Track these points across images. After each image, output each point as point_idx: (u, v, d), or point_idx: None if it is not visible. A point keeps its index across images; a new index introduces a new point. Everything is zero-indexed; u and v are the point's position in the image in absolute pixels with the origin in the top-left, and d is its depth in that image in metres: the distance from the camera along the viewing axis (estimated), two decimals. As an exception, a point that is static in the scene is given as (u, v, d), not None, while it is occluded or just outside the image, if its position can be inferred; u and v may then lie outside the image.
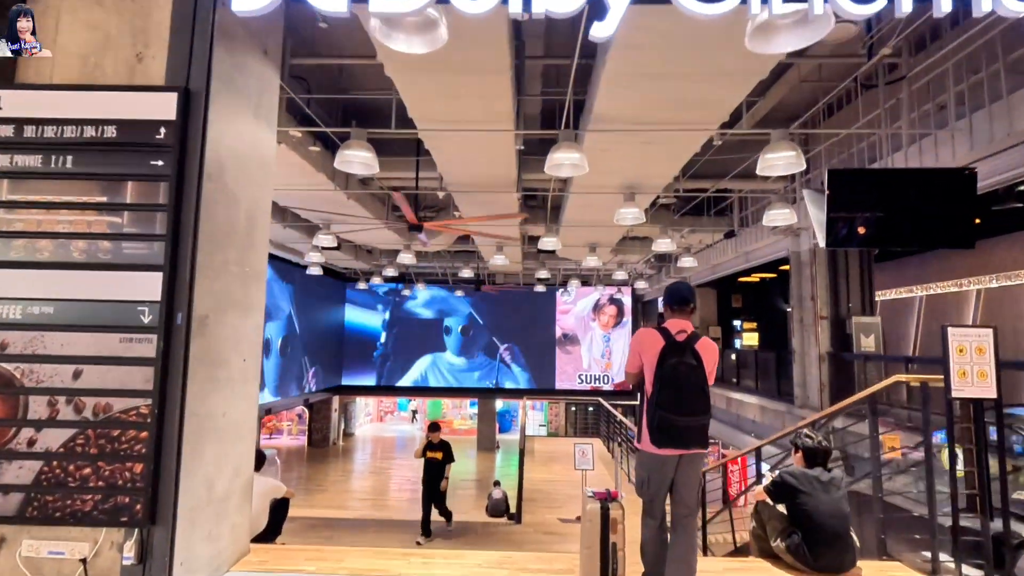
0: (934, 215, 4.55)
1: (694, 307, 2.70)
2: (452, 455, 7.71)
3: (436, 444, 7.60)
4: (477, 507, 13.42)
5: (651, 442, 2.50)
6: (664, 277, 16.24)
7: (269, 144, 2.90)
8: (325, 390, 19.57)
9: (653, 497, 2.63)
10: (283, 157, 6.12)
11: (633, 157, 6.03)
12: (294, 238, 11.17)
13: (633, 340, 2.66)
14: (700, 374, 2.47)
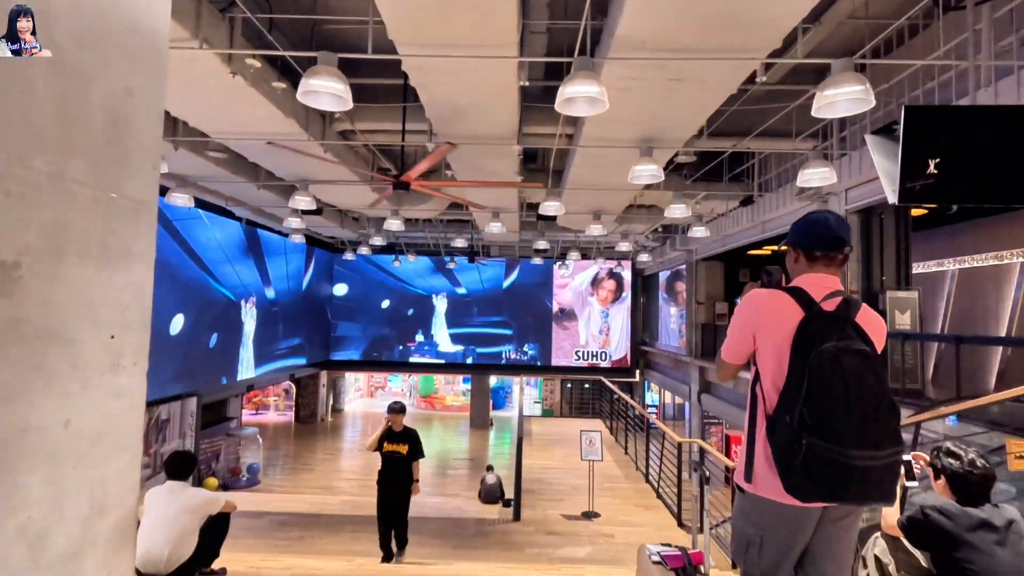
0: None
1: (849, 251, 1.74)
2: (421, 448, 5.48)
3: (398, 433, 5.41)
4: (470, 489, 12.83)
5: (782, 487, 1.54)
6: (668, 250, 15.41)
7: (163, 13, 1.97)
8: (312, 365, 18.79)
9: (768, 574, 1.68)
10: (242, 96, 5.16)
11: (657, 100, 5.11)
12: (271, 201, 10.19)
13: (741, 309, 1.66)
14: (879, 370, 1.52)
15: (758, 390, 1.61)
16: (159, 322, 10.45)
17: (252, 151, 7.20)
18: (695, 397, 14.49)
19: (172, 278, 10.82)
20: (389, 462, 5.41)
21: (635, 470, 8.44)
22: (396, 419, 5.44)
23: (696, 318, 14.55)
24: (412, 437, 5.44)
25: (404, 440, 5.40)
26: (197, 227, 11.48)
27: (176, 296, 10.98)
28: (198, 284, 11.80)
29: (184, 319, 11.19)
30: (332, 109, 4.18)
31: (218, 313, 12.54)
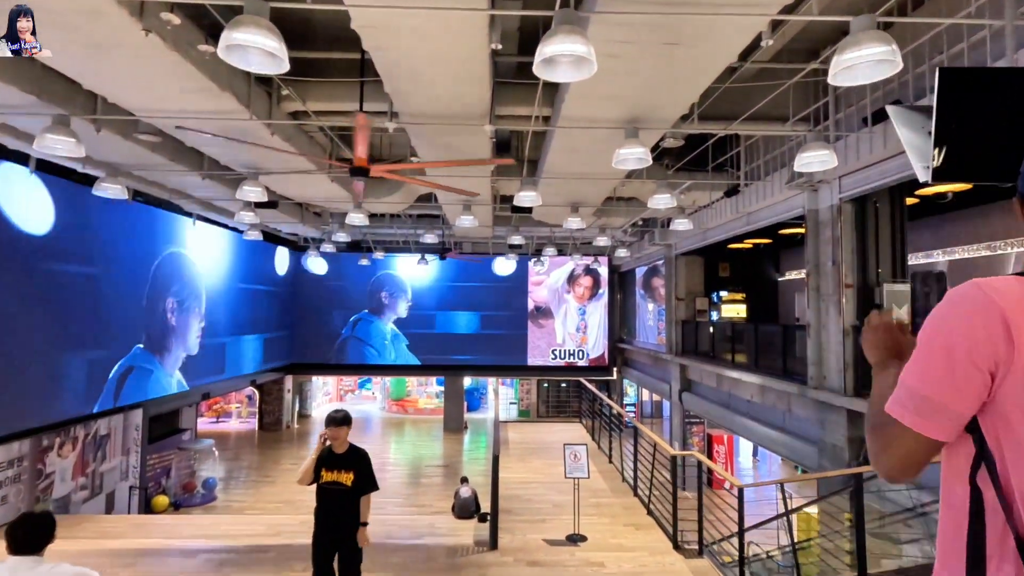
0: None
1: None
2: (372, 476, 4.04)
3: (341, 456, 3.96)
4: (444, 499, 12.13)
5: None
6: (647, 245, 14.94)
7: None
8: (276, 369, 17.78)
9: None
10: (162, 62, 4.35)
11: (648, 69, 4.50)
12: (219, 194, 9.27)
13: (946, 317, 0.83)
14: None
15: (986, 482, 0.79)
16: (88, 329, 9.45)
17: (189, 134, 6.34)
18: (676, 396, 14.07)
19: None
20: (328, 497, 3.90)
21: (622, 482, 7.87)
22: (338, 435, 3.90)
23: (676, 314, 14.12)
24: (360, 461, 3.95)
25: (349, 466, 3.90)
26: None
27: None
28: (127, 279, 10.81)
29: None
30: (264, 72, 3.43)
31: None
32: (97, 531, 7.93)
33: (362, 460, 4.01)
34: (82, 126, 5.83)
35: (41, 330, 8.46)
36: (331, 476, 3.92)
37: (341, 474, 3.91)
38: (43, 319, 8.47)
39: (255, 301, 15.81)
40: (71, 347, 9.03)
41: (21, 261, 8.08)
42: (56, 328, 8.72)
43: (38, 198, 8.35)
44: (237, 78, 5.31)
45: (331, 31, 5.88)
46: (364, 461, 4.02)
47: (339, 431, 3.95)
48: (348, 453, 3.99)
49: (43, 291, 8.47)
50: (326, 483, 3.93)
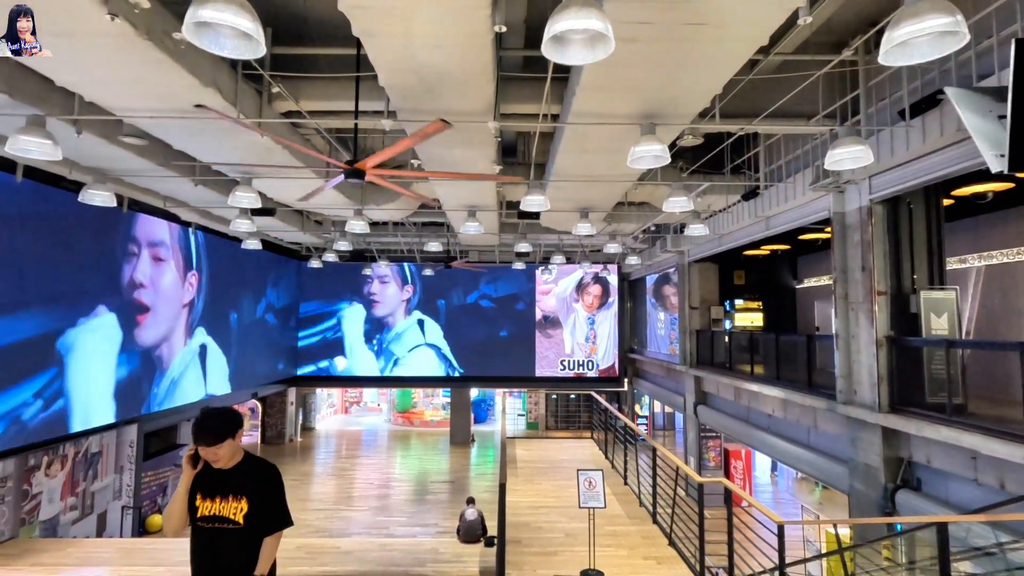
0: None
1: None
2: (281, 505, 2.60)
3: (228, 475, 2.55)
4: (449, 518, 11.63)
5: None
6: (658, 251, 14.46)
7: None
8: (278, 381, 17.42)
9: None
10: (134, 52, 3.96)
11: (669, 55, 4.07)
12: (213, 200, 8.92)
13: None
14: None
15: None
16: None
17: (175, 136, 5.97)
18: (690, 408, 13.51)
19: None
20: (206, 540, 2.50)
21: (639, 507, 7.33)
22: (215, 456, 2.48)
23: (689, 324, 13.59)
24: (261, 481, 2.55)
25: (240, 488, 2.50)
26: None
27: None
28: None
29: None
30: (238, 55, 3.03)
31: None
32: (82, 557, 7.51)
33: (264, 480, 2.55)
34: (61, 128, 5.48)
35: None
36: (211, 506, 2.48)
37: (228, 503, 2.47)
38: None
39: (258, 315, 15.48)
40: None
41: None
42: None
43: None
44: (222, 72, 4.94)
45: (326, 27, 5.52)
46: (268, 481, 2.56)
47: (216, 451, 2.45)
48: (240, 469, 2.54)
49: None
50: (203, 518, 2.47)
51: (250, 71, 5.42)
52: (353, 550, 7.58)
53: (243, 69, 5.32)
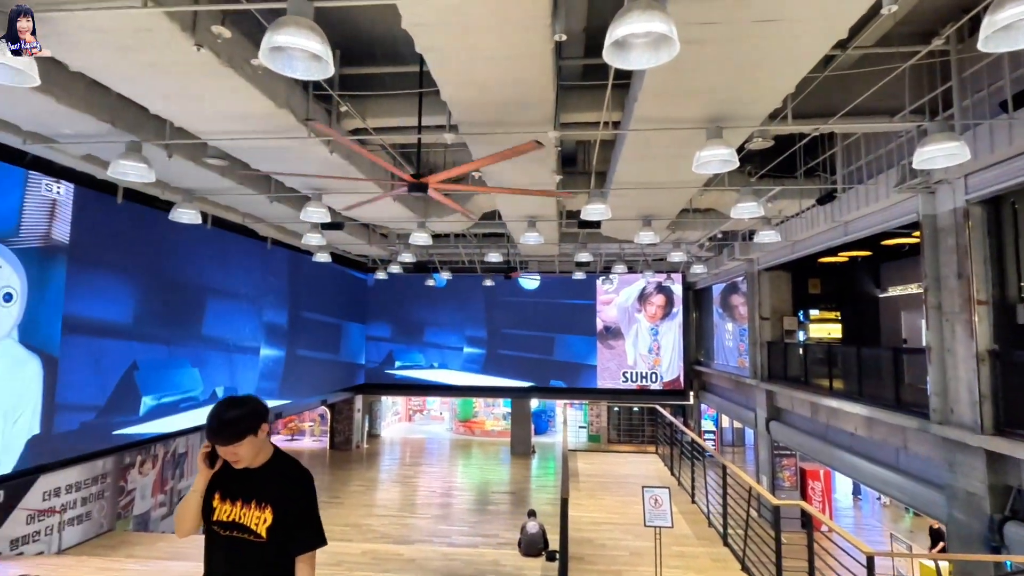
0: None
1: None
2: (314, 518, 2.07)
3: (251, 476, 2.07)
4: (510, 530, 11.58)
5: None
6: (725, 260, 13.89)
7: None
8: (346, 389, 18.06)
9: None
10: (217, 79, 4.25)
11: (737, 54, 3.91)
12: (287, 215, 9.40)
13: None
14: None
15: None
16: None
17: (253, 156, 6.35)
18: (762, 424, 12.82)
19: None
20: (221, 551, 2.04)
21: (708, 527, 6.99)
22: (235, 455, 2.02)
23: (760, 335, 12.94)
24: (291, 489, 2.08)
25: (265, 494, 2.04)
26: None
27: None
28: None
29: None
30: (309, 76, 3.17)
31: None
32: (170, 551, 8.02)
33: (295, 487, 2.07)
34: (154, 152, 5.95)
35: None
36: (229, 511, 2.04)
37: (249, 510, 2.02)
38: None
39: (330, 324, 16.15)
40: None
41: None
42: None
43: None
44: (295, 95, 5.20)
45: (390, 46, 5.71)
46: (299, 489, 2.08)
47: (235, 450, 1.99)
48: (267, 471, 2.09)
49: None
50: (220, 523, 2.03)
51: (320, 92, 5.69)
52: (416, 558, 7.68)
53: (314, 90, 5.59)
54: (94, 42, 3.72)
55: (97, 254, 8.28)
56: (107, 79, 4.40)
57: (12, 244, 6.98)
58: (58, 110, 4.93)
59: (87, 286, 8.10)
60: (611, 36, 2.85)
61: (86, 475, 8.21)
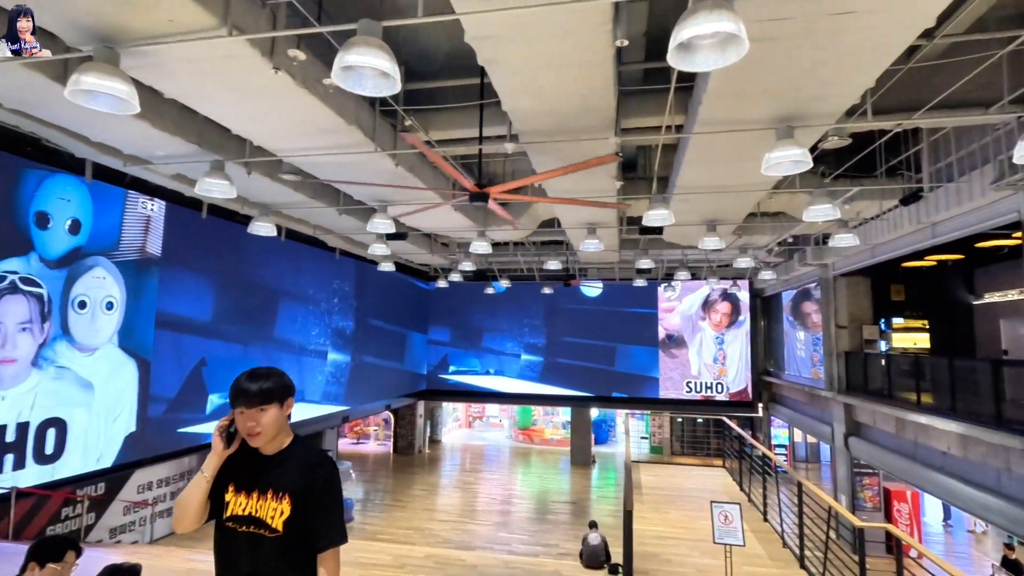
0: None
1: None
2: (335, 513, 1.83)
3: (269, 463, 1.86)
4: (570, 540, 11.43)
5: None
6: (796, 265, 13.21)
7: None
8: (409, 395, 18.51)
9: None
10: (292, 99, 4.51)
11: (810, 51, 3.73)
12: (354, 227, 9.80)
13: None
14: None
15: None
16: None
17: (323, 171, 6.67)
18: (840, 440, 12.04)
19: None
20: (237, 546, 1.81)
21: (782, 547, 6.62)
22: (256, 420, 1.80)
23: (837, 345, 12.19)
24: (312, 478, 1.84)
25: (285, 484, 1.83)
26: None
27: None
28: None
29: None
30: (378, 93, 3.30)
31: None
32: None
33: (316, 475, 1.84)
34: (235, 170, 6.37)
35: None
36: (245, 504, 1.83)
37: (266, 501, 1.81)
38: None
39: (392, 332, 16.66)
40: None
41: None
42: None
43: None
44: (363, 111, 5.43)
45: (452, 61, 5.86)
46: (321, 477, 1.84)
47: (258, 416, 1.80)
48: (286, 457, 1.88)
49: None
50: (234, 518, 1.81)
51: (385, 107, 5.91)
52: (477, 564, 7.72)
53: (380, 106, 5.82)
54: (185, 70, 4.04)
55: (184, 264, 8.93)
56: (195, 103, 4.76)
57: (114, 257, 7.66)
58: (153, 134, 5.37)
59: (174, 294, 8.75)
60: (676, 38, 2.80)
61: (174, 471, 8.83)
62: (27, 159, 6.49)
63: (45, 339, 6.73)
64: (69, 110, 4.91)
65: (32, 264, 6.60)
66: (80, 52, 3.80)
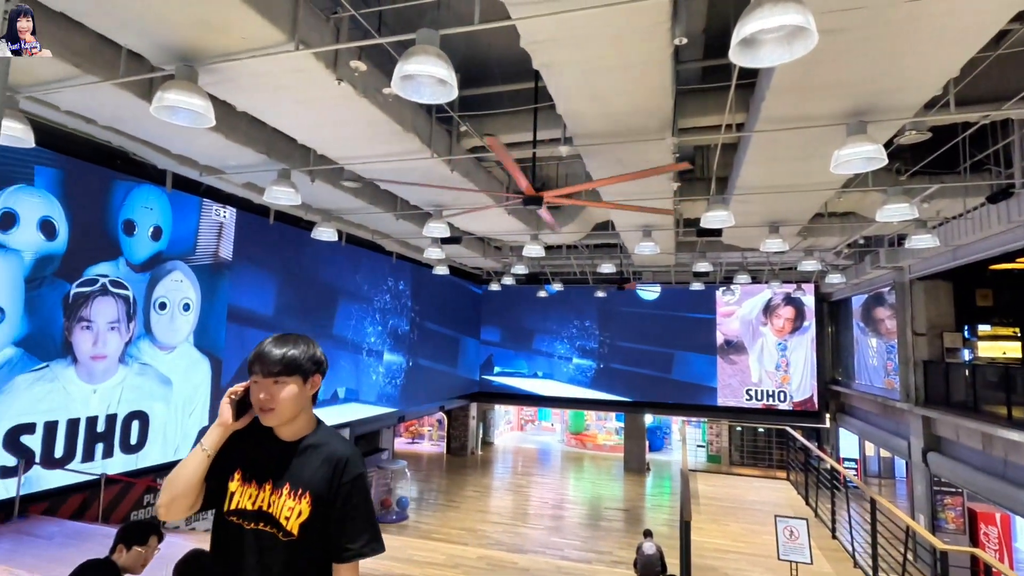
0: None
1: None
2: (364, 512, 1.54)
3: (285, 452, 1.58)
4: (624, 548, 11.22)
5: None
6: (868, 268, 12.46)
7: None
8: (462, 396, 18.74)
9: None
10: (353, 108, 4.67)
11: (884, 42, 3.52)
12: (410, 231, 10.03)
13: None
14: None
15: None
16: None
17: (381, 177, 6.87)
18: (918, 455, 11.24)
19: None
20: (239, 545, 1.53)
21: (853, 567, 6.24)
22: (277, 380, 1.53)
23: (914, 353, 11.40)
24: (340, 474, 1.55)
25: (302, 479, 1.55)
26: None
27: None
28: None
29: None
30: (436, 100, 3.37)
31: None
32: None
33: (343, 471, 1.57)
34: (300, 178, 6.66)
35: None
36: (252, 496, 1.56)
37: (280, 496, 1.54)
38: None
39: (444, 335, 16.94)
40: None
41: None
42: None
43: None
44: (420, 118, 5.55)
45: (506, 66, 5.92)
46: (349, 474, 1.57)
47: (274, 388, 1.54)
48: (308, 447, 1.60)
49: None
50: (237, 512, 1.55)
51: (441, 114, 6.03)
52: (530, 568, 7.70)
53: (436, 113, 5.94)
54: (256, 85, 4.27)
55: (251, 267, 9.42)
56: (265, 116, 5.02)
57: (190, 262, 8.17)
58: (226, 145, 5.70)
59: (242, 295, 9.24)
60: (739, 34, 2.71)
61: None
62: (117, 171, 7.03)
63: (131, 337, 7.26)
64: (153, 125, 5.28)
65: (120, 268, 7.14)
66: (163, 71, 4.09)
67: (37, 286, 6.25)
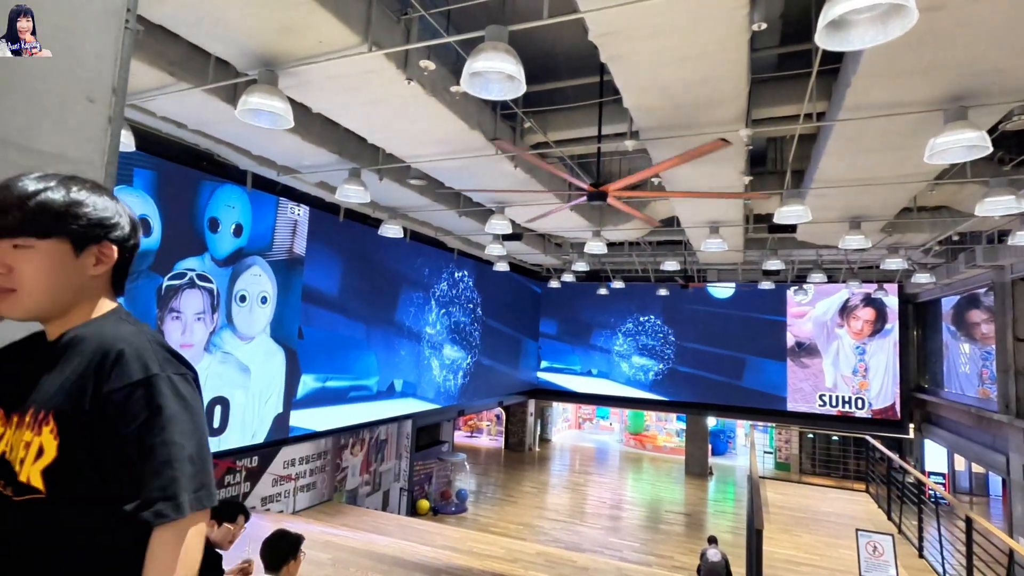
0: None
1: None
2: (168, 460, 0.88)
3: (25, 360, 0.98)
4: (686, 554, 10.92)
5: None
6: (962, 267, 11.47)
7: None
8: (520, 393, 18.83)
9: None
10: (422, 107, 4.77)
11: (988, 18, 3.21)
12: (472, 228, 10.15)
13: None
14: None
15: None
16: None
17: (446, 175, 6.99)
18: (1018, 472, 10.26)
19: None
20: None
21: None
22: (14, 256, 0.91)
23: (1015, 361, 10.40)
24: (106, 376, 0.91)
25: (52, 395, 0.93)
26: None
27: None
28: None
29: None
30: (503, 97, 3.39)
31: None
32: (373, 526, 9.13)
33: (109, 371, 0.92)
34: (369, 176, 6.89)
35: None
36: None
37: (20, 430, 0.92)
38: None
39: (504, 331, 17.08)
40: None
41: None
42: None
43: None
44: (485, 116, 5.60)
45: (572, 61, 5.86)
46: (116, 375, 0.92)
47: (15, 252, 0.92)
48: (65, 342, 0.97)
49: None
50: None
51: (505, 111, 6.05)
52: (589, 567, 7.64)
53: (500, 110, 5.97)
54: (331, 87, 4.44)
55: (323, 262, 9.85)
56: (338, 116, 5.22)
57: (268, 257, 8.64)
58: (302, 146, 5.98)
59: (314, 288, 9.68)
60: (827, 15, 2.55)
61: (312, 451, 9.76)
62: (203, 172, 7.53)
63: (214, 328, 7.77)
64: (236, 127, 5.61)
65: (205, 263, 7.65)
66: (246, 76, 4.33)
67: (135, 279, 6.79)
